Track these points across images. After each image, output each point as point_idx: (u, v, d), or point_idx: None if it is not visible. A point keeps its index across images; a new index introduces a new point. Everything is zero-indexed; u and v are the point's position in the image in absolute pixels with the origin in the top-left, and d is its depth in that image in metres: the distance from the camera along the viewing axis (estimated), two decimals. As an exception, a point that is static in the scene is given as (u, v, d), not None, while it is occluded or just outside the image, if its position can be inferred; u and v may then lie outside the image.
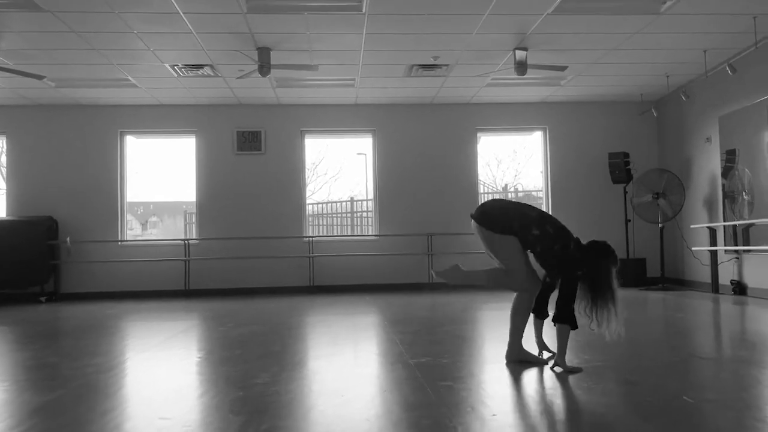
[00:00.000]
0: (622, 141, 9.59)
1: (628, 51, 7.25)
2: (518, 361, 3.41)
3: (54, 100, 8.98)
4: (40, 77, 7.28)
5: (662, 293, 7.98)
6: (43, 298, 8.67)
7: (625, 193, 9.21)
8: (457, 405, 2.55)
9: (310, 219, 13.07)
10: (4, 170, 10.80)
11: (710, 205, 8.28)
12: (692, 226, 8.52)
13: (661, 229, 8.72)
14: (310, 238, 9.50)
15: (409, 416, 2.40)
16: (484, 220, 3.45)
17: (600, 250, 3.31)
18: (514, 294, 3.48)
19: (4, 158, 10.28)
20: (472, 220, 3.50)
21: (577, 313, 3.24)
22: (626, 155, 9.15)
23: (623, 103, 9.70)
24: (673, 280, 9.05)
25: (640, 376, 3.12)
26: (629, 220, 9.17)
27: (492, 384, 3.02)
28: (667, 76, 8.30)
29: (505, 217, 3.41)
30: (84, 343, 4.57)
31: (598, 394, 2.69)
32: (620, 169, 9.11)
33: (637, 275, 8.96)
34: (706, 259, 8.11)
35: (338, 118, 9.62)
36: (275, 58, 7.06)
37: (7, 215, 9.13)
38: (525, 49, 7.02)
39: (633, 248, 9.27)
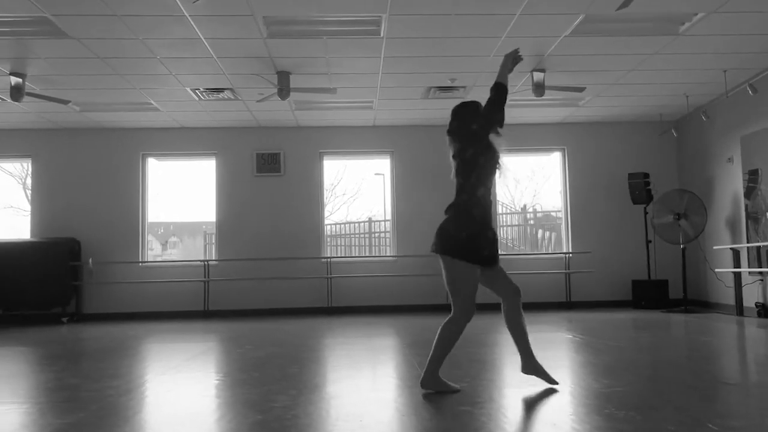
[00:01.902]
0: (642, 161, 9.53)
1: (646, 72, 7.23)
2: (433, 390, 3.28)
3: (78, 123, 9.16)
4: (65, 102, 7.45)
5: (685, 316, 7.85)
6: (64, 319, 8.77)
7: (646, 213, 9.12)
8: (477, 430, 2.52)
9: (329, 239, 13.11)
10: (29, 192, 11.00)
11: (733, 225, 8.17)
12: (715, 247, 8.40)
13: (683, 250, 8.61)
14: (328, 259, 9.52)
15: (428, 442, 2.38)
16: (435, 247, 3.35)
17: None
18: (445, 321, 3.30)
19: (29, 181, 10.47)
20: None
21: None
22: (646, 175, 9.09)
23: (643, 124, 9.65)
24: (696, 302, 8.91)
25: (663, 401, 3.06)
26: (650, 241, 9.07)
27: (512, 409, 2.99)
28: (687, 97, 8.25)
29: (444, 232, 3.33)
30: (104, 365, 4.60)
31: (620, 421, 2.65)
32: (640, 189, 9.04)
33: (659, 297, 8.84)
34: (730, 281, 7.98)
35: (356, 140, 9.69)
36: (294, 81, 7.15)
37: (31, 237, 9.28)
38: (543, 70, 7.04)
39: (654, 269, 9.16)
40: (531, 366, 3.41)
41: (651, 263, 9.13)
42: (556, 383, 3.37)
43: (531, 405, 3.11)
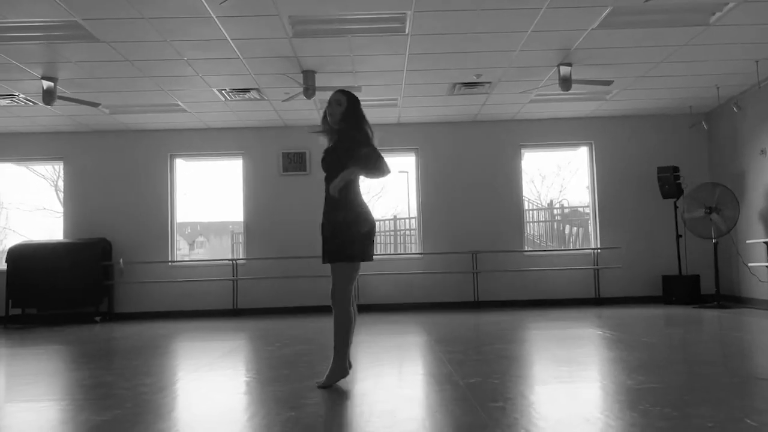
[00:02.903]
0: (672, 155, 9.38)
1: (676, 63, 7.11)
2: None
3: (108, 126, 9.31)
4: (95, 105, 7.57)
5: (717, 311, 7.71)
6: (97, 318, 8.93)
7: (676, 207, 8.98)
8: (510, 426, 2.51)
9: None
10: (60, 194, 11.21)
11: (766, 219, 7.99)
12: (748, 242, 8.24)
13: (715, 245, 8.45)
14: (355, 257, 9.52)
15: (461, 439, 2.37)
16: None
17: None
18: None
19: (60, 183, 10.68)
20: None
21: None
22: (676, 169, 8.94)
23: (672, 116, 9.49)
24: (729, 298, 8.75)
25: (699, 397, 3.01)
26: (680, 236, 8.93)
27: (544, 405, 2.97)
28: (718, 88, 8.10)
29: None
30: (137, 363, 4.68)
31: (656, 417, 2.61)
32: (670, 183, 8.90)
33: (690, 293, 8.70)
34: (764, 276, 7.82)
35: (381, 138, 9.62)
36: (320, 80, 7.18)
37: (64, 237, 9.47)
38: (569, 64, 6.96)
39: (686, 265, 9.01)
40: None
41: (682, 258, 8.98)
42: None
43: (563, 401, 3.08)
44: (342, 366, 3.45)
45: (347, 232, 3.35)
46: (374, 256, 3.50)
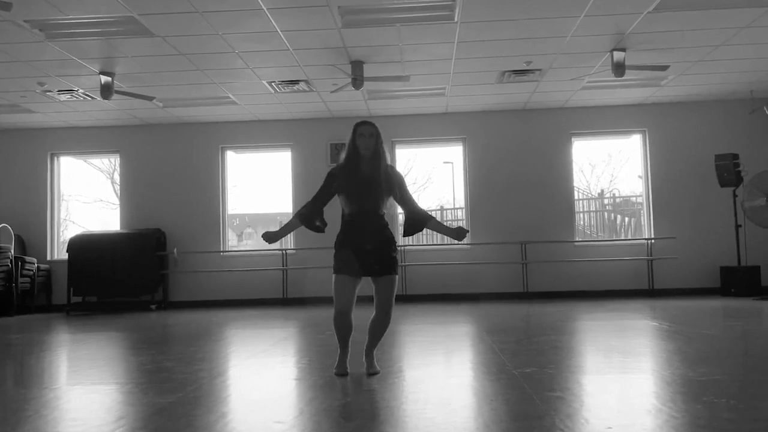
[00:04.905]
0: (730, 142, 9.05)
1: (736, 47, 6.85)
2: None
3: (161, 119, 9.54)
4: (150, 98, 7.77)
5: (780, 303, 7.44)
6: (153, 306, 9.19)
7: (735, 196, 8.66)
8: (570, 416, 2.48)
9: (401, 228, 13.12)
10: (116, 186, 11.56)
11: (833, 208, 7.65)
12: (813, 231, 7.90)
13: (777, 235, 8.14)
14: (402, 247, 9.55)
15: (520, 426, 2.35)
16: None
17: None
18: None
19: (117, 175, 11.01)
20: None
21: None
22: (735, 156, 8.62)
23: (731, 102, 9.16)
24: (792, 290, 8.42)
25: (763, 390, 2.91)
26: (740, 225, 8.62)
27: (603, 396, 2.92)
28: (781, 71, 7.78)
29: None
30: (193, 350, 4.80)
31: (722, 409, 2.54)
32: (729, 171, 8.59)
33: (750, 284, 8.41)
34: (830, 267, 7.49)
35: (428, 127, 9.65)
36: (368, 70, 7.19)
37: (120, 228, 9.77)
38: (623, 49, 6.79)
39: (745, 255, 8.70)
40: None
41: (741, 248, 8.67)
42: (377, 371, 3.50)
43: (623, 392, 3.03)
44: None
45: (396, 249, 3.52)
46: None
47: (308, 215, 3.60)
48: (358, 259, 3.39)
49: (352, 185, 3.52)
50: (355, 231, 3.45)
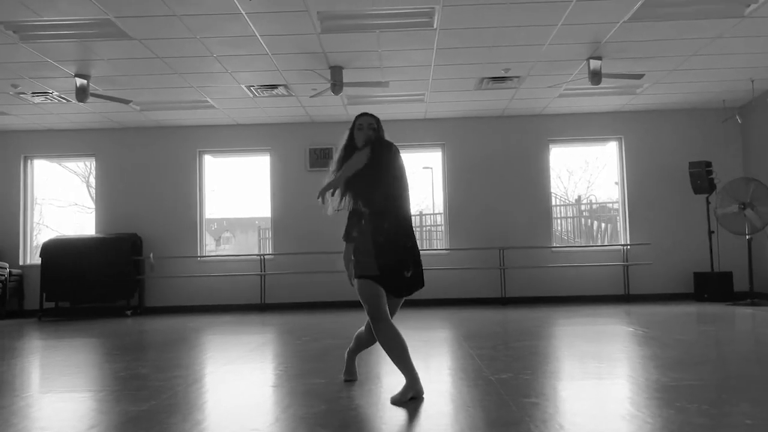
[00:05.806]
0: (704, 150, 9.21)
1: (709, 56, 6.98)
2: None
3: (138, 123, 9.44)
4: (127, 101, 7.69)
5: (751, 309, 7.57)
6: (128, 312, 9.07)
7: (708, 203, 8.82)
8: (545, 422, 2.50)
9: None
10: (92, 190, 11.40)
11: (803, 215, 7.81)
12: (783, 238, 8.06)
13: (749, 241, 8.29)
14: (382, 253, 9.54)
15: (496, 433, 2.36)
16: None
17: None
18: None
19: (92, 179, 10.86)
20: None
21: None
22: (708, 164, 8.77)
23: (704, 110, 9.33)
24: (763, 295, 8.57)
25: (737, 395, 2.96)
26: (713, 232, 8.77)
27: (578, 402, 2.95)
28: (752, 81, 7.94)
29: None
30: (169, 356, 4.74)
31: (694, 414, 2.58)
32: (702, 178, 8.74)
33: (723, 290, 8.54)
34: (800, 273, 7.65)
35: (408, 133, 9.67)
36: (347, 76, 7.19)
37: (95, 233, 9.63)
38: (600, 58, 6.88)
39: (718, 261, 8.85)
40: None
41: (714, 255, 8.83)
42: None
43: (596, 397, 3.06)
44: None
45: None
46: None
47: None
48: (396, 280, 3.22)
49: (403, 181, 3.37)
50: (397, 246, 3.19)
